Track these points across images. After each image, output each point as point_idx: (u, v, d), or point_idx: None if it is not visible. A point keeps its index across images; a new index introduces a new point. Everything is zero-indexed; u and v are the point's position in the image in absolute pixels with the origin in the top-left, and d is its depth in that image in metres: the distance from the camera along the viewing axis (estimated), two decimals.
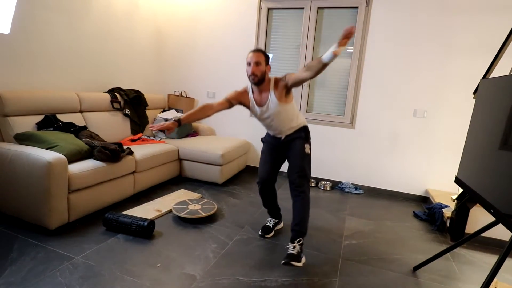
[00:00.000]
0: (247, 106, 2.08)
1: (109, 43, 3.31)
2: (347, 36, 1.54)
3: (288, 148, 2.08)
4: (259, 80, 1.92)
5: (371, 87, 3.34)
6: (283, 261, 1.82)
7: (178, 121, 1.93)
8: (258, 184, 2.18)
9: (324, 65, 1.66)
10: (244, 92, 2.07)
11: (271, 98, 1.95)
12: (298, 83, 1.89)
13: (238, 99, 2.06)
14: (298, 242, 1.92)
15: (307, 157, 2.02)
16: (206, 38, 3.93)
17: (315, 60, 1.72)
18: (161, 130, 1.87)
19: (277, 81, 1.97)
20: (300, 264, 1.85)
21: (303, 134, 2.06)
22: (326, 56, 1.63)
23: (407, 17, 3.10)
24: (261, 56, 1.92)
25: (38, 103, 2.45)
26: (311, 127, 3.64)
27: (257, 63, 1.89)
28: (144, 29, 3.81)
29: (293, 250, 1.89)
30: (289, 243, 1.94)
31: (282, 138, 2.07)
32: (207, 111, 2.01)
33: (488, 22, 2.84)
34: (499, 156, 1.38)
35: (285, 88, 1.93)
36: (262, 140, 2.27)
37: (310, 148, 2.06)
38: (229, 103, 2.04)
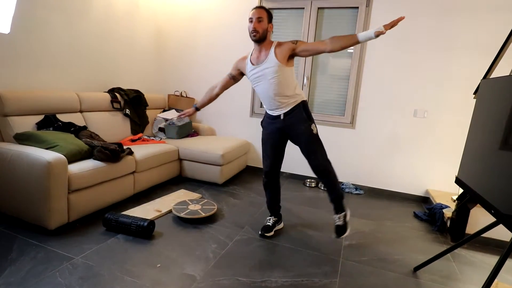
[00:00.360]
0: (244, 73, 2.07)
1: (109, 42, 3.31)
2: (395, 24, 1.62)
3: (293, 134, 2.03)
4: (260, 37, 1.90)
5: (371, 87, 3.33)
6: (334, 235, 2.12)
7: (196, 108, 2.23)
8: (263, 176, 2.24)
9: (356, 43, 1.72)
10: (244, 58, 2.06)
11: (270, 55, 1.91)
12: (311, 52, 1.89)
13: (237, 68, 2.08)
14: (342, 211, 2.11)
15: (318, 138, 2.02)
16: (207, 38, 3.93)
17: (346, 35, 1.75)
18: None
19: (281, 43, 1.94)
20: (348, 232, 2.12)
21: (304, 114, 2.00)
22: (364, 34, 1.68)
23: (407, 17, 3.07)
24: (263, 12, 1.90)
25: (38, 103, 2.45)
26: None
27: (259, 19, 1.87)
28: (145, 29, 3.81)
29: (339, 221, 2.11)
30: (334, 215, 2.14)
31: (282, 116, 2.01)
32: (213, 91, 2.16)
33: (489, 22, 2.84)
34: (499, 156, 1.38)
35: (291, 51, 1.91)
36: (261, 124, 2.20)
37: (315, 126, 2.03)
38: (232, 78, 2.08)
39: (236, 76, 2.11)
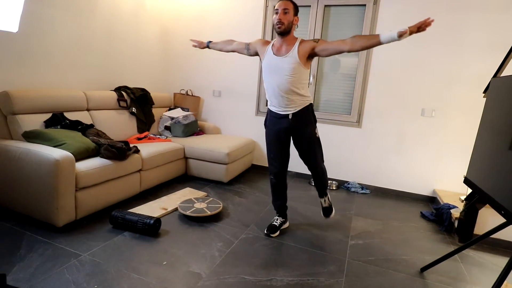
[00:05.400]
0: (260, 57, 2.06)
1: (116, 41, 3.33)
2: (422, 27, 1.55)
3: (298, 135, 2.03)
4: (285, 29, 1.88)
5: (378, 86, 3.30)
6: (325, 216, 2.34)
7: (208, 45, 2.34)
8: (271, 177, 2.22)
9: (377, 44, 1.67)
10: (266, 42, 2.04)
11: (293, 51, 1.89)
12: (331, 51, 1.85)
13: (255, 47, 2.06)
14: (325, 195, 2.28)
15: (319, 141, 2.09)
16: (212, 37, 3.90)
17: (369, 35, 1.73)
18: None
19: (304, 41, 1.93)
20: (334, 213, 2.36)
21: (312, 117, 2.04)
22: (386, 36, 1.62)
23: (415, 14, 3.05)
24: (289, 4, 1.88)
25: (46, 101, 2.47)
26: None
27: (285, 11, 1.86)
28: (151, 28, 3.82)
29: (325, 203, 2.30)
30: (320, 199, 2.31)
31: (290, 116, 1.99)
32: (227, 45, 2.20)
33: (500, 19, 2.78)
34: (509, 156, 1.35)
35: (312, 50, 1.88)
36: (265, 124, 2.17)
37: (317, 129, 2.09)
38: (247, 47, 2.08)
39: (251, 51, 2.10)
